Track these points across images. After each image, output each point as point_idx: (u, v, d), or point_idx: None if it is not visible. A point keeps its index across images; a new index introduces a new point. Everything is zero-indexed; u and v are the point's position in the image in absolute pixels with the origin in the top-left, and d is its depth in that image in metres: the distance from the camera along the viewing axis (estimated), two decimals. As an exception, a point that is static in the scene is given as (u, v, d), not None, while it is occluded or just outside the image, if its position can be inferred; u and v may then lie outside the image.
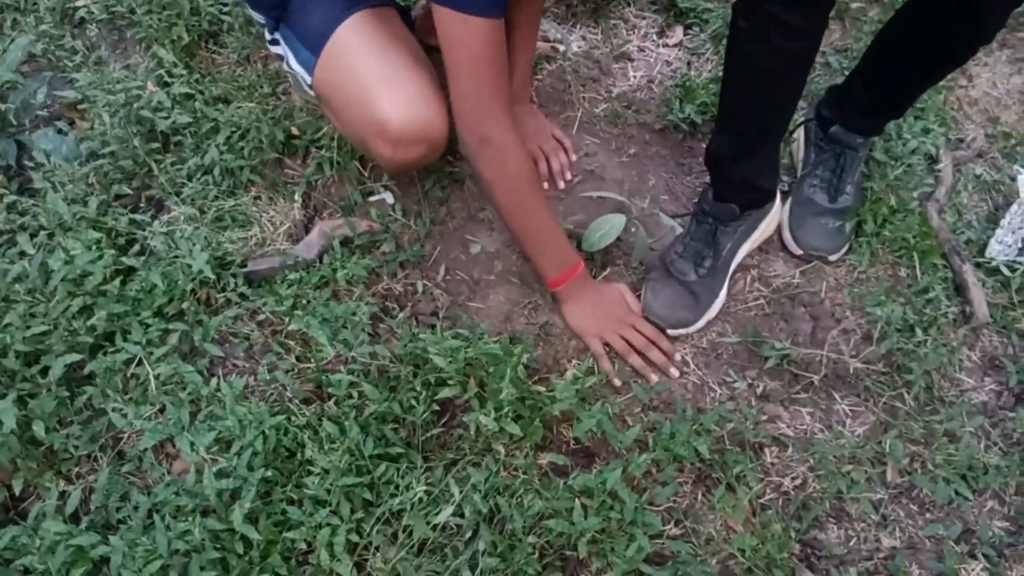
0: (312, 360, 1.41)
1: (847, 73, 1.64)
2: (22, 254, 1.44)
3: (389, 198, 1.63)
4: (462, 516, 1.24)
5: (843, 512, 1.36)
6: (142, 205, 1.57)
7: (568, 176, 1.71)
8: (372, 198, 1.63)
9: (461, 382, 1.34)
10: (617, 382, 1.44)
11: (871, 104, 1.55)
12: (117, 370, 1.33)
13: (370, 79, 1.32)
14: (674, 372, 1.47)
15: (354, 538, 1.21)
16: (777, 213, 1.61)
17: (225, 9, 1.81)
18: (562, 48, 1.90)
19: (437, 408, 1.36)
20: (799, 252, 1.63)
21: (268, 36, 1.48)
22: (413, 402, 1.33)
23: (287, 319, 1.45)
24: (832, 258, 1.62)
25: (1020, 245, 1.62)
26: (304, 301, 1.48)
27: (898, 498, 1.38)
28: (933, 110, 1.78)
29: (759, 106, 1.37)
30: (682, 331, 1.52)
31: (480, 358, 1.33)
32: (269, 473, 1.23)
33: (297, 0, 1.41)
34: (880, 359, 1.50)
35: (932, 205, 1.67)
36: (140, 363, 1.34)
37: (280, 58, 1.48)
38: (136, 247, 1.48)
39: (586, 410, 1.33)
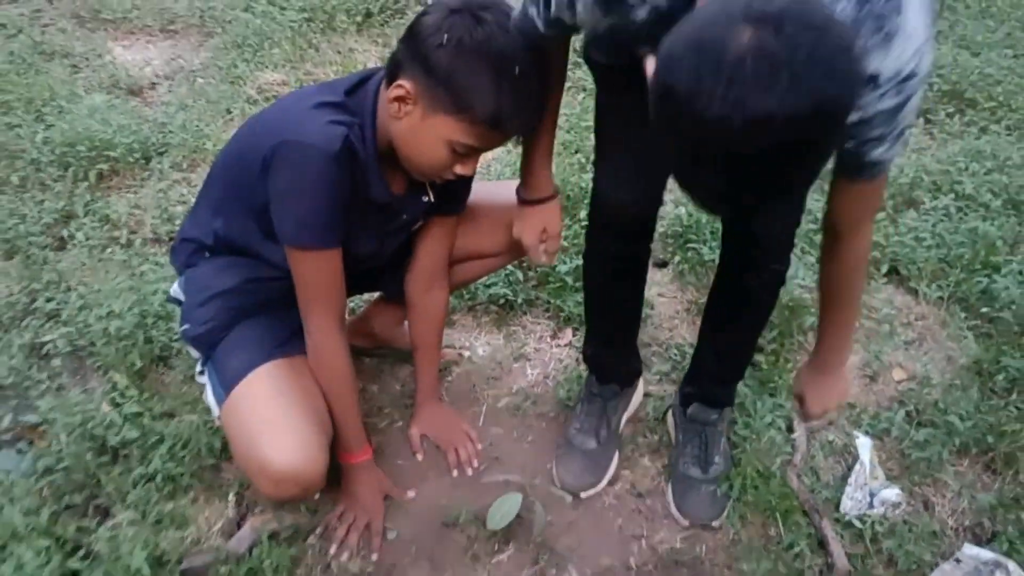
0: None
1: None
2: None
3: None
4: None
5: None
6: (90, 513, 1.75)
7: (475, 464, 1.94)
8: (299, 494, 1.83)
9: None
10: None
11: (717, 370, 1.87)
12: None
13: (261, 425, 1.56)
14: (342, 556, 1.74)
15: None
16: (642, 387, 2.08)
17: (175, 337, 2.11)
18: (467, 355, 2.21)
19: None
20: (686, 523, 1.84)
21: (199, 368, 1.75)
22: None
23: (218, 614, 1.59)
24: (716, 524, 1.83)
25: (869, 499, 1.86)
26: (234, 593, 1.63)
27: None
28: (783, 387, 2.08)
29: (608, 326, 1.90)
30: (592, 491, 1.88)
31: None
32: None
33: (227, 341, 1.68)
34: (756, 613, 1.68)
35: (791, 470, 1.92)
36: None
37: (202, 388, 1.73)
38: (82, 552, 1.64)
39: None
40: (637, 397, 2.06)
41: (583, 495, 1.88)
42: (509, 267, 2.34)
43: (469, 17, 1.41)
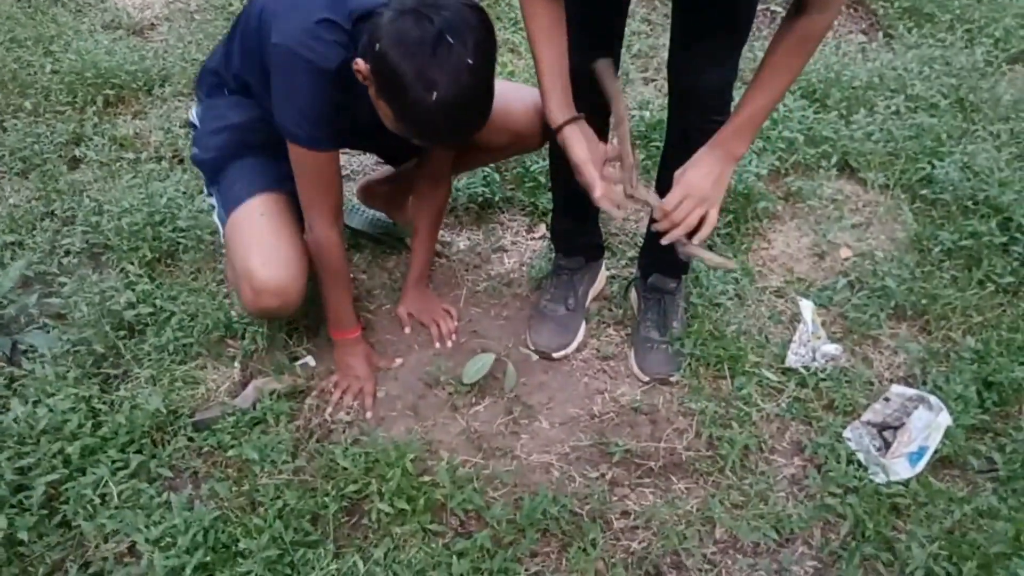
0: (247, 481, 1.76)
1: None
2: (16, 421, 1.81)
3: (311, 361, 2.04)
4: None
5: (680, 564, 1.68)
6: (111, 375, 1.96)
7: (455, 337, 2.15)
8: (298, 362, 2.04)
9: (363, 480, 1.70)
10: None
11: None
12: (88, 489, 1.67)
13: (253, 241, 1.79)
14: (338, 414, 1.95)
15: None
16: (605, 269, 2.27)
17: (182, 234, 2.31)
18: (449, 243, 2.41)
19: (348, 505, 1.70)
20: (646, 379, 2.05)
21: (205, 191, 1.98)
22: (325, 500, 1.68)
23: (227, 451, 1.80)
24: (673, 378, 2.03)
25: (811, 355, 2.05)
26: (241, 437, 1.84)
27: (726, 550, 1.72)
28: (739, 266, 2.27)
29: (573, 196, 1.90)
30: (563, 352, 2.09)
31: (378, 457, 1.70)
32: (208, 558, 1.56)
33: (234, 167, 1.90)
34: (706, 446, 1.88)
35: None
36: (106, 484, 1.68)
37: (212, 208, 1.96)
38: (105, 406, 1.86)
39: (460, 489, 1.68)
40: (601, 277, 2.26)
41: (555, 355, 2.09)
42: (487, 169, 2.53)
43: (414, 21, 1.46)
